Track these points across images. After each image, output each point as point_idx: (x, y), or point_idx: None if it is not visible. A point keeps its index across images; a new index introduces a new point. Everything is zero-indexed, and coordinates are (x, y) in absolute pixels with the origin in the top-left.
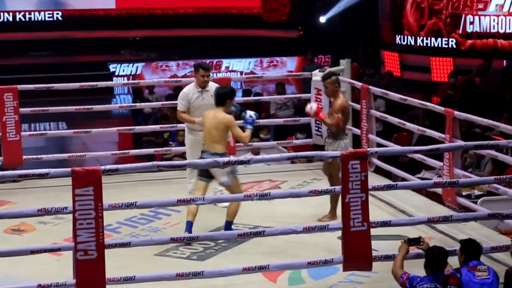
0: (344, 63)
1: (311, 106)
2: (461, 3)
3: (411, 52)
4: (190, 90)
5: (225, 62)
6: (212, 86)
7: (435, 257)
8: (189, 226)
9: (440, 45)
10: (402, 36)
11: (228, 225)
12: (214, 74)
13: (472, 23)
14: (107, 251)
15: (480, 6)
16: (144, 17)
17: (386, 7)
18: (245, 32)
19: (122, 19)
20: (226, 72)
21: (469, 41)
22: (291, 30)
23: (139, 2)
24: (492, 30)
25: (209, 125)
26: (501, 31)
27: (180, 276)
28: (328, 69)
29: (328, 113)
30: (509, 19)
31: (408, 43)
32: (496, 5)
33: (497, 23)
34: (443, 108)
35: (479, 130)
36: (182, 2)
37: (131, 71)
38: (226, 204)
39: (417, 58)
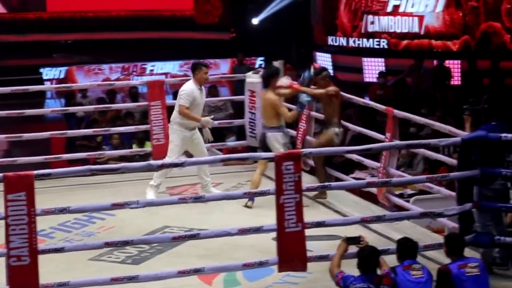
0: (277, 64)
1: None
2: (362, 3)
3: (343, 53)
4: (193, 87)
5: (149, 65)
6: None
7: (366, 258)
8: None
9: (372, 46)
10: (334, 38)
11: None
12: (140, 78)
13: (372, 23)
14: (40, 257)
15: (379, 6)
16: (76, 20)
17: (318, 9)
18: (178, 34)
19: (53, 22)
20: (151, 76)
21: (404, 42)
22: (224, 32)
23: (71, 5)
24: (390, 30)
25: (261, 104)
26: (398, 31)
27: (115, 281)
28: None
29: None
30: (405, 19)
31: (341, 44)
32: (393, 6)
33: (394, 23)
34: (384, 107)
35: (414, 129)
36: (114, 5)
37: (54, 75)
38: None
39: (349, 59)
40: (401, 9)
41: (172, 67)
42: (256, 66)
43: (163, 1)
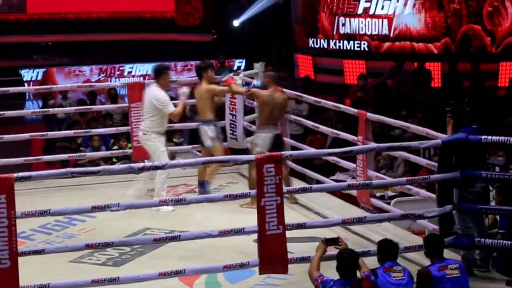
0: (258, 66)
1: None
2: (335, 4)
3: (325, 55)
4: (164, 93)
5: (127, 67)
6: None
7: (345, 262)
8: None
9: (352, 48)
10: (315, 39)
11: (202, 185)
12: (118, 79)
13: (344, 25)
14: (20, 259)
15: (350, 8)
16: (57, 21)
17: (298, 11)
18: (159, 36)
19: (33, 24)
20: (130, 77)
21: (386, 44)
22: (205, 34)
23: (51, 7)
24: (361, 32)
25: (196, 98)
26: (368, 32)
27: (96, 283)
28: (242, 73)
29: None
30: (375, 21)
31: (322, 46)
32: (364, 8)
33: (365, 25)
34: (356, 110)
35: (400, 131)
36: (95, 6)
37: (32, 77)
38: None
39: (331, 61)
40: (371, 11)
41: (151, 68)
42: (235, 68)
43: (144, 3)
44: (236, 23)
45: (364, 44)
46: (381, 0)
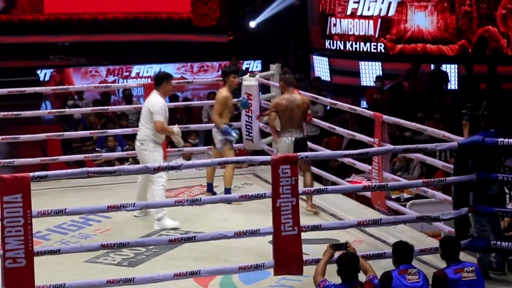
0: (274, 68)
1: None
2: (327, 5)
3: (341, 57)
4: (163, 101)
5: (135, 68)
6: None
7: (345, 266)
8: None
9: (369, 50)
10: (331, 41)
11: (227, 192)
12: (125, 80)
13: (335, 25)
14: (36, 259)
15: (340, 9)
16: (73, 22)
17: (315, 13)
18: (175, 37)
19: (50, 24)
20: (137, 79)
21: (399, 46)
22: (222, 35)
23: (68, 7)
24: (349, 32)
25: (215, 100)
26: (356, 33)
27: (111, 283)
28: (258, 74)
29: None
30: (362, 22)
31: (338, 48)
32: (352, 9)
33: (353, 26)
34: (372, 113)
35: (409, 133)
36: (111, 7)
37: (40, 77)
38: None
39: (347, 63)
40: (358, 12)
41: (158, 70)
42: (243, 69)
43: (161, 4)
44: (252, 24)
45: (380, 46)
46: (368, 1)
